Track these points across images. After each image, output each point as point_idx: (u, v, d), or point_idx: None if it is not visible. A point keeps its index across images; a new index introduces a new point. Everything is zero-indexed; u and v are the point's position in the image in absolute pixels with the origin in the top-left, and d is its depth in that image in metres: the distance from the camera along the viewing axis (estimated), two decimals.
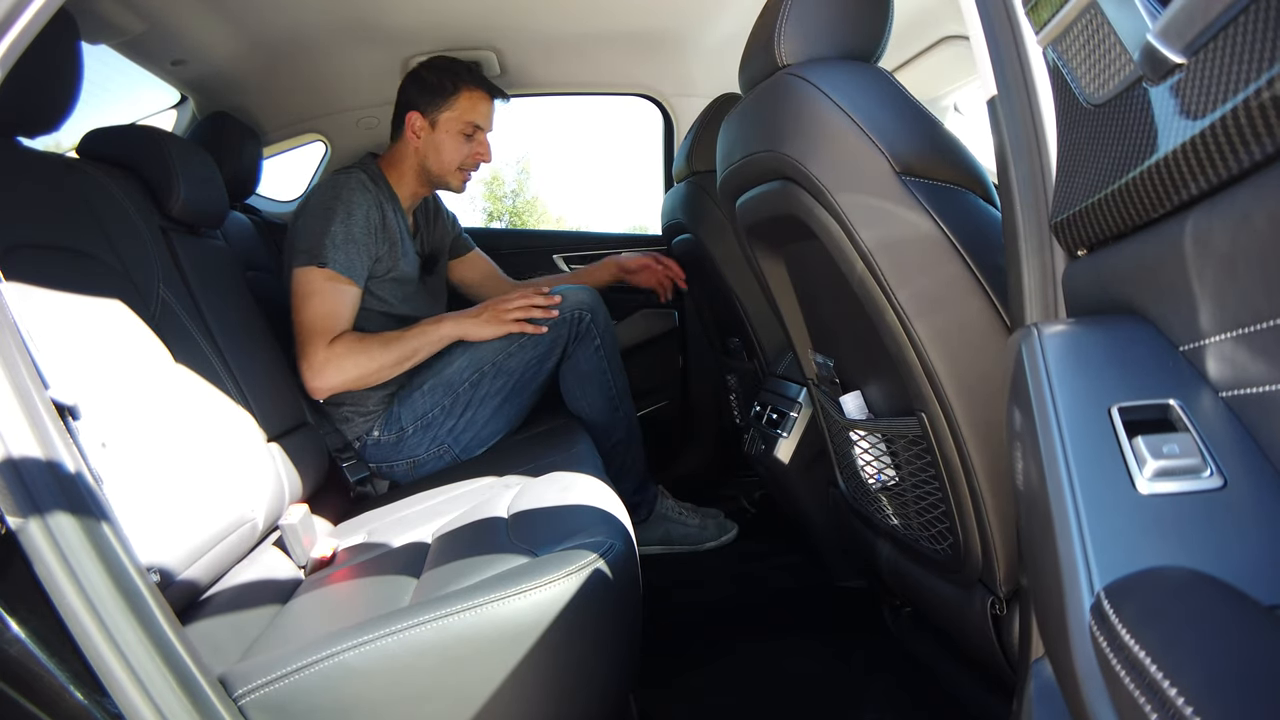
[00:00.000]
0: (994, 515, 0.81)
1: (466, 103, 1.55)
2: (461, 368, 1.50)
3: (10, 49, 0.66)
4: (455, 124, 1.55)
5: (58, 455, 0.64)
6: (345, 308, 1.42)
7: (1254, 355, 0.41)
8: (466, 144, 1.57)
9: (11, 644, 0.64)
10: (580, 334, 1.56)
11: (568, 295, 1.56)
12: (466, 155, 1.57)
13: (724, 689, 1.24)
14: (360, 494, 1.50)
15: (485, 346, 1.51)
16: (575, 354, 1.57)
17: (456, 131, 1.55)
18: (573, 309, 1.54)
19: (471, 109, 1.55)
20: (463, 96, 1.54)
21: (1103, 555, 0.41)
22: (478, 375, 1.50)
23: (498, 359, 1.51)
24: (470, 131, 1.56)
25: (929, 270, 0.80)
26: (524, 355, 1.52)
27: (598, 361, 1.58)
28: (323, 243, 1.39)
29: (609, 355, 1.60)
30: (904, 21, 1.25)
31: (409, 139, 1.56)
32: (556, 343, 1.54)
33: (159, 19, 1.45)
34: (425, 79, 1.56)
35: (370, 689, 0.74)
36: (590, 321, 1.56)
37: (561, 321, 1.53)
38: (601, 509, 0.98)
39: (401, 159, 1.58)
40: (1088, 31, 0.55)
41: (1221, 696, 0.30)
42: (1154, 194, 0.46)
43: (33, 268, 0.88)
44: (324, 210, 1.42)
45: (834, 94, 0.83)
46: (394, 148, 1.59)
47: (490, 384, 1.51)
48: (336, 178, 1.47)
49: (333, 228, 1.40)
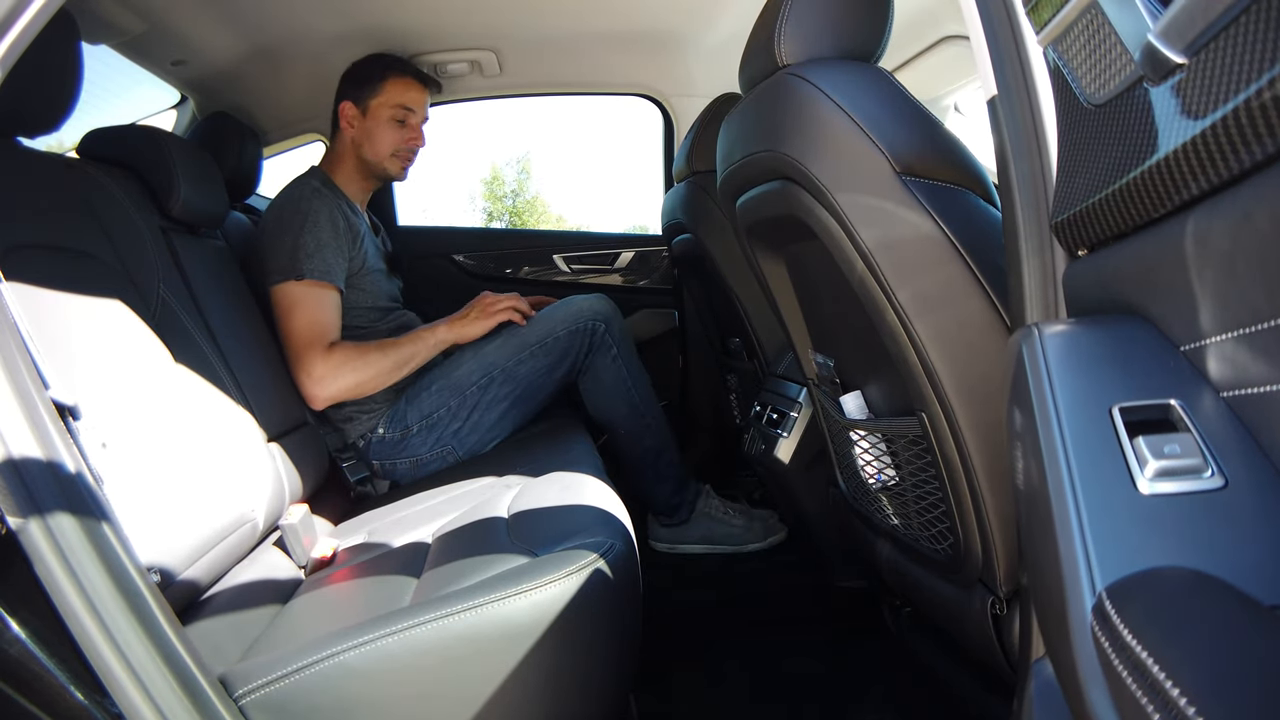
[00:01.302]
0: (994, 515, 0.81)
1: (394, 88, 1.59)
2: (470, 370, 1.50)
3: (10, 49, 0.66)
4: (385, 110, 1.58)
5: (58, 455, 0.64)
6: (330, 313, 1.43)
7: (1255, 355, 0.41)
8: (399, 129, 1.60)
9: (11, 644, 0.64)
10: (595, 344, 1.55)
11: (581, 303, 1.55)
12: (400, 141, 1.60)
13: (724, 689, 1.24)
14: (360, 494, 1.50)
15: (495, 352, 1.51)
16: (594, 365, 1.56)
17: (388, 117, 1.58)
18: (588, 319, 1.53)
19: (400, 94, 1.59)
20: (390, 82, 1.58)
21: (1104, 555, 0.41)
22: (486, 379, 1.50)
23: (508, 365, 1.51)
24: (401, 117, 1.59)
25: (929, 270, 0.80)
26: (534, 363, 1.51)
27: (616, 371, 1.57)
28: (295, 256, 1.40)
29: (628, 363, 1.59)
30: (904, 21, 1.24)
31: (344, 130, 1.59)
32: (568, 353, 1.53)
33: (159, 19, 1.45)
34: (355, 72, 1.61)
35: (370, 689, 0.74)
36: (605, 332, 1.55)
37: (574, 331, 1.52)
38: (601, 509, 0.98)
39: (341, 155, 1.60)
40: (1088, 31, 0.55)
41: (1224, 696, 0.30)
42: (1154, 194, 0.46)
43: (33, 268, 0.88)
44: (287, 224, 1.42)
45: (834, 94, 0.83)
46: (332, 146, 1.63)
47: (499, 389, 1.50)
48: (290, 192, 1.48)
49: (301, 239, 1.41)
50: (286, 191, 1.50)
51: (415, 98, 1.61)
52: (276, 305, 1.41)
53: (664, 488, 1.66)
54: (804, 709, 1.17)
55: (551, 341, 1.52)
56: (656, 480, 1.64)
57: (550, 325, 1.53)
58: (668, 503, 1.67)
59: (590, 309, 1.54)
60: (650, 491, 1.67)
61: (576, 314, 1.54)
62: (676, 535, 1.70)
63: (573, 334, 1.53)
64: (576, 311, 1.54)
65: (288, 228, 1.42)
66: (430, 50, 1.83)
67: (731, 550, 1.70)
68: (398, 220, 2.18)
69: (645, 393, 1.62)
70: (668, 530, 1.70)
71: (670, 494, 1.66)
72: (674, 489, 1.67)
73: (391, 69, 1.60)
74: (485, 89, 2.06)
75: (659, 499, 1.67)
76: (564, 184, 47.43)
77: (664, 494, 1.66)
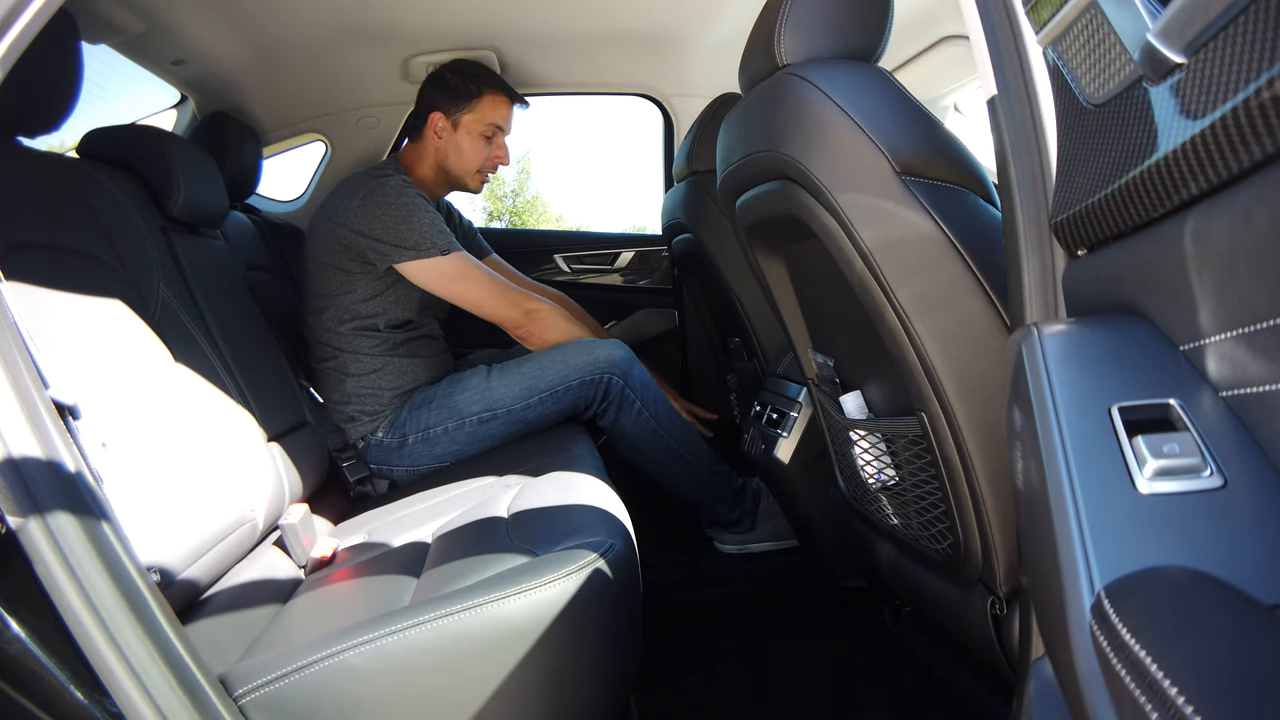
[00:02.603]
0: (994, 515, 0.81)
1: (489, 105, 1.58)
2: (473, 400, 1.46)
3: (10, 49, 0.66)
4: (477, 125, 1.58)
5: (58, 455, 0.64)
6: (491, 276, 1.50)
7: (1254, 355, 0.41)
8: (486, 146, 1.60)
9: (11, 644, 0.64)
10: (613, 399, 1.48)
11: (596, 351, 1.47)
12: (486, 157, 1.61)
13: (724, 689, 1.24)
14: (360, 494, 1.50)
15: (503, 390, 1.46)
16: (619, 423, 1.49)
17: (478, 133, 1.58)
18: (602, 371, 1.46)
19: (493, 111, 1.58)
20: (485, 99, 1.58)
21: (1103, 555, 0.41)
22: (489, 415, 1.46)
23: (514, 407, 1.46)
24: (491, 133, 1.59)
25: (929, 270, 0.80)
26: (542, 409, 1.47)
27: (645, 423, 1.50)
28: (432, 234, 1.44)
29: (654, 413, 1.50)
30: (904, 21, 1.25)
31: (430, 139, 1.58)
32: (578, 404, 1.48)
33: (159, 19, 1.46)
34: (449, 81, 1.58)
35: (370, 689, 0.74)
36: (624, 387, 1.47)
37: (586, 383, 1.46)
38: (601, 509, 0.98)
39: (420, 160, 1.59)
40: (1088, 31, 0.55)
41: (1222, 696, 0.30)
42: (1154, 194, 0.46)
43: (33, 267, 0.88)
44: (404, 208, 1.44)
45: (834, 94, 0.83)
46: (413, 149, 1.61)
47: (501, 427, 1.47)
48: (385, 182, 1.47)
49: (425, 219, 1.44)
50: (380, 180, 1.47)
51: (506, 114, 1.61)
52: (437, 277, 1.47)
53: (722, 507, 1.60)
54: (804, 709, 1.17)
55: (563, 390, 1.46)
56: (714, 502, 1.59)
57: (564, 372, 1.46)
58: (729, 517, 1.62)
59: (606, 359, 1.46)
60: (711, 513, 1.62)
61: (592, 364, 1.46)
62: (745, 539, 1.65)
63: (585, 384, 1.46)
64: (592, 361, 1.46)
65: (407, 210, 1.44)
66: (430, 50, 1.83)
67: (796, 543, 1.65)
68: None
69: (679, 432, 1.54)
70: (736, 535, 1.65)
71: (729, 510, 1.61)
72: (731, 504, 1.62)
73: (488, 85, 1.58)
74: None
75: (720, 516, 1.62)
76: (564, 184, 47.42)
77: (723, 512, 1.61)
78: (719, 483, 1.60)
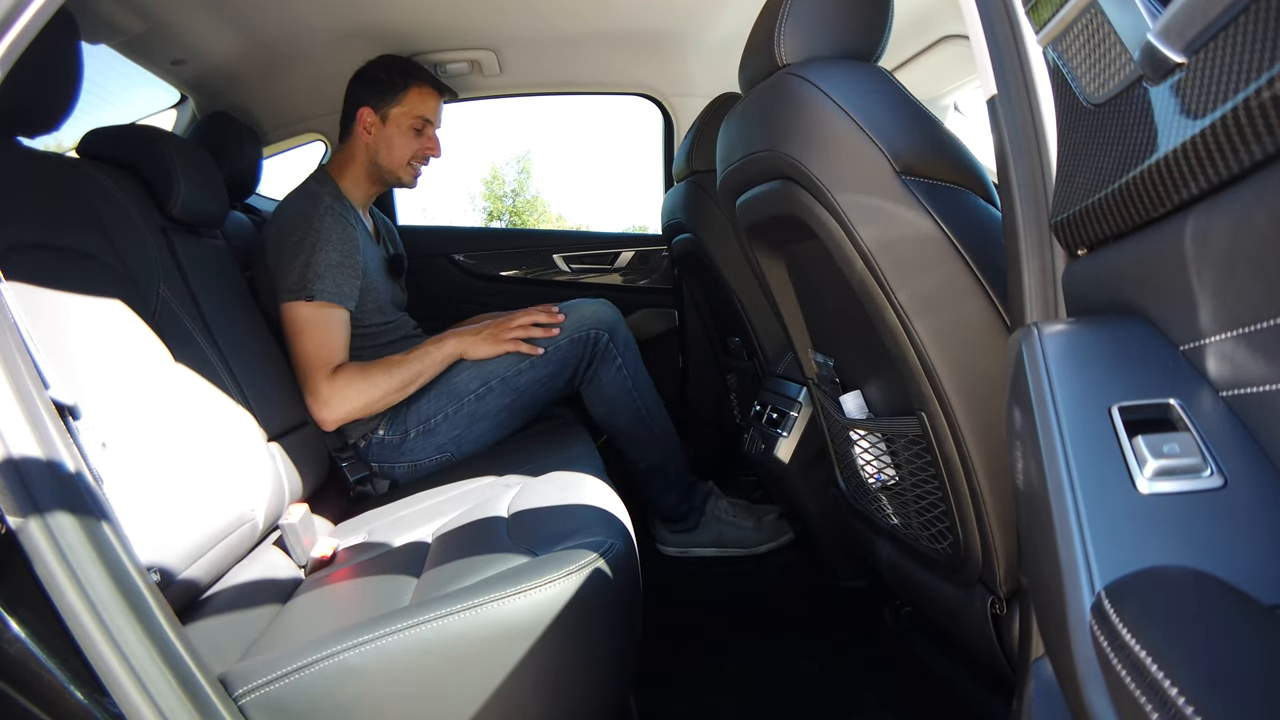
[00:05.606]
0: (994, 515, 0.81)
1: (416, 98, 1.58)
2: (469, 379, 1.49)
3: (10, 49, 0.66)
4: (405, 119, 1.57)
5: (58, 455, 0.64)
6: (339, 335, 1.43)
7: (1254, 355, 0.41)
8: (416, 139, 1.59)
9: (11, 644, 0.64)
10: (599, 354, 1.52)
11: (583, 310, 1.53)
12: (416, 150, 1.60)
13: (724, 689, 1.24)
14: (360, 494, 1.50)
15: (493, 362, 1.50)
16: (598, 375, 1.54)
17: (407, 126, 1.58)
18: (589, 327, 1.51)
19: (421, 104, 1.58)
20: (412, 92, 1.58)
21: (1103, 555, 0.41)
22: (485, 389, 1.49)
23: (506, 374, 1.49)
24: (420, 126, 1.59)
25: (929, 270, 0.80)
26: (534, 373, 1.50)
27: (622, 382, 1.54)
28: (306, 276, 1.40)
29: (633, 374, 1.55)
30: (904, 21, 1.25)
31: (359, 136, 1.57)
32: (568, 363, 1.51)
33: (159, 19, 1.45)
34: (375, 77, 1.58)
35: (370, 689, 0.74)
36: (609, 341, 1.52)
37: (575, 340, 1.50)
38: (601, 509, 0.98)
39: (352, 158, 1.59)
40: (1088, 31, 0.55)
41: (1222, 696, 0.30)
42: (1154, 193, 0.46)
43: (33, 268, 0.88)
44: (299, 243, 1.42)
45: (834, 93, 0.83)
46: (343, 148, 1.61)
47: (497, 399, 1.50)
48: (301, 206, 1.47)
49: (314, 259, 1.40)
50: (297, 204, 1.48)
51: (434, 106, 1.61)
52: (286, 324, 1.42)
53: (671, 496, 1.63)
54: (804, 709, 1.17)
55: (552, 351, 1.50)
56: (664, 489, 1.62)
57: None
58: (675, 510, 1.65)
59: (593, 316, 1.52)
60: (657, 500, 1.65)
61: (579, 322, 1.51)
62: (686, 540, 1.68)
63: (574, 342, 1.50)
64: (579, 319, 1.51)
65: (300, 246, 1.41)
66: (430, 50, 1.83)
67: (744, 553, 1.68)
68: (397, 220, 2.19)
69: (652, 402, 1.59)
70: (677, 536, 1.68)
71: (677, 502, 1.64)
72: (681, 496, 1.65)
73: (414, 78, 1.58)
74: (485, 89, 2.06)
75: (666, 507, 1.65)
76: (564, 183, 47.45)
77: (671, 502, 1.64)
78: (675, 469, 1.63)
